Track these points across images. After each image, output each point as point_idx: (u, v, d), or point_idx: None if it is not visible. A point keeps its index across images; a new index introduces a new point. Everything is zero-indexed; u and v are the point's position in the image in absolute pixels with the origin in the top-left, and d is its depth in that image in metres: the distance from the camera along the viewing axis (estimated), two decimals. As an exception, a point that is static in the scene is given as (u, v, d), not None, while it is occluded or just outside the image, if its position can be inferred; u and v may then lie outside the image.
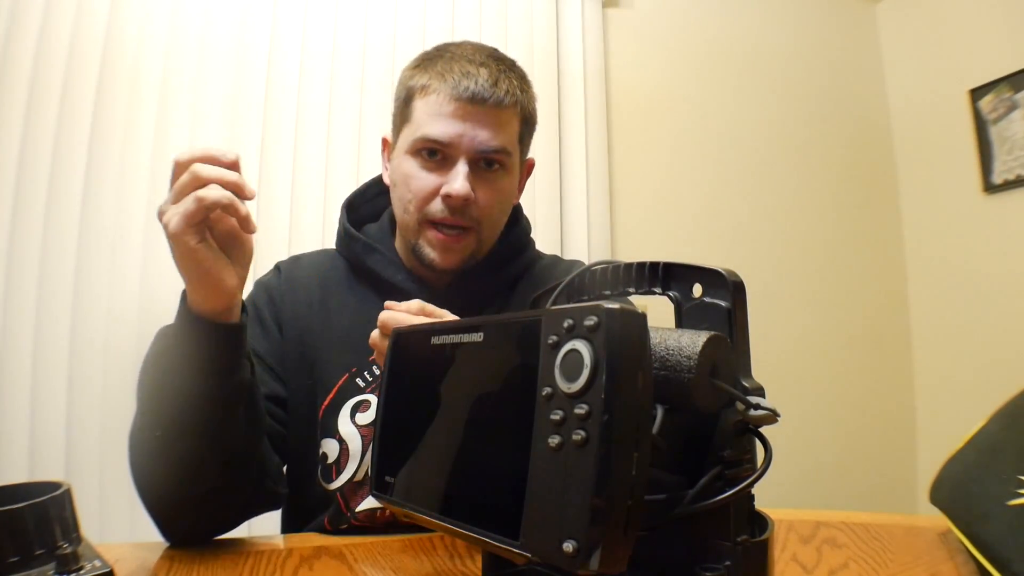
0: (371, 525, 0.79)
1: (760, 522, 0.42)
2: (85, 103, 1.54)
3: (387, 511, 0.81)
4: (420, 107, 0.80)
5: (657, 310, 0.50)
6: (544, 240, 1.85)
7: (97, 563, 0.50)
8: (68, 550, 0.49)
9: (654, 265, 0.48)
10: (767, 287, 2.27)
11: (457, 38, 1.94)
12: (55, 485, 0.55)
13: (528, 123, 0.86)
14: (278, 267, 0.93)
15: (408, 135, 0.82)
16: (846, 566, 0.62)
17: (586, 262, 2.27)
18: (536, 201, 1.95)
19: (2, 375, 1.44)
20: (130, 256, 1.55)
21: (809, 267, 2.40)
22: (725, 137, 2.33)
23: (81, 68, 1.54)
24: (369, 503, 0.80)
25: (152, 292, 1.54)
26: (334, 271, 0.90)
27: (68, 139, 1.51)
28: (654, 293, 0.49)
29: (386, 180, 0.90)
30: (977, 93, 2.25)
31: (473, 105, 0.78)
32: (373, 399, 0.82)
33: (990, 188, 2.22)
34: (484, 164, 0.81)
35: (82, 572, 0.49)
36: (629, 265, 0.49)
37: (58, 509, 0.52)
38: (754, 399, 0.39)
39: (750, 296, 0.43)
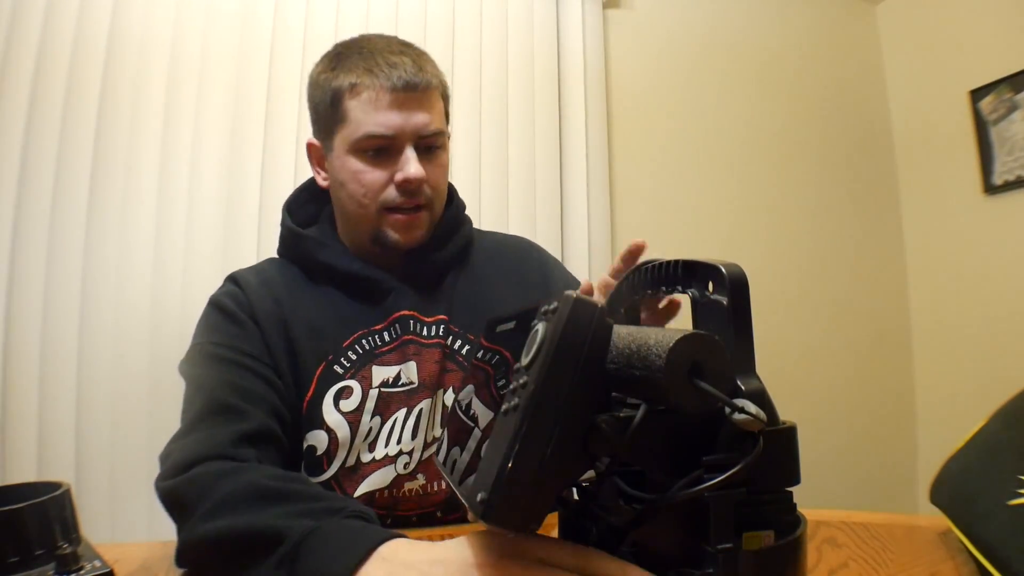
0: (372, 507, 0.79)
1: (786, 529, 0.39)
2: (89, 103, 1.53)
3: (385, 492, 0.82)
4: (354, 106, 0.82)
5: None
6: (544, 239, 1.84)
7: (97, 563, 0.50)
8: (68, 550, 0.49)
9: (672, 264, 0.49)
10: (767, 287, 2.27)
11: (458, 38, 1.95)
12: (55, 485, 0.55)
13: (447, 100, 0.90)
14: (232, 278, 0.90)
15: (347, 135, 0.83)
16: (846, 565, 0.62)
17: (586, 261, 2.22)
18: (536, 201, 1.95)
19: (11, 375, 1.43)
20: (138, 254, 1.54)
21: (809, 267, 2.40)
22: (725, 137, 2.33)
23: (85, 67, 1.53)
24: (367, 486, 0.81)
25: (161, 290, 1.52)
26: (286, 276, 0.89)
27: (73, 137, 1.51)
28: (677, 291, 0.49)
29: (320, 183, 0.91)
30: (977, 94, 2.25)
31: (407, 93, 0.81)
32: (354, 384, 0.83)
33: (990, 189, 2.22)
34: (424, 147, 0.84)
35: (82, 572, 0.49)
36: (655, 264, 0.50)
37: (58, 509, 0.53)
38: (740, 402, 0.36)
39: (751, 296, 0.43)
